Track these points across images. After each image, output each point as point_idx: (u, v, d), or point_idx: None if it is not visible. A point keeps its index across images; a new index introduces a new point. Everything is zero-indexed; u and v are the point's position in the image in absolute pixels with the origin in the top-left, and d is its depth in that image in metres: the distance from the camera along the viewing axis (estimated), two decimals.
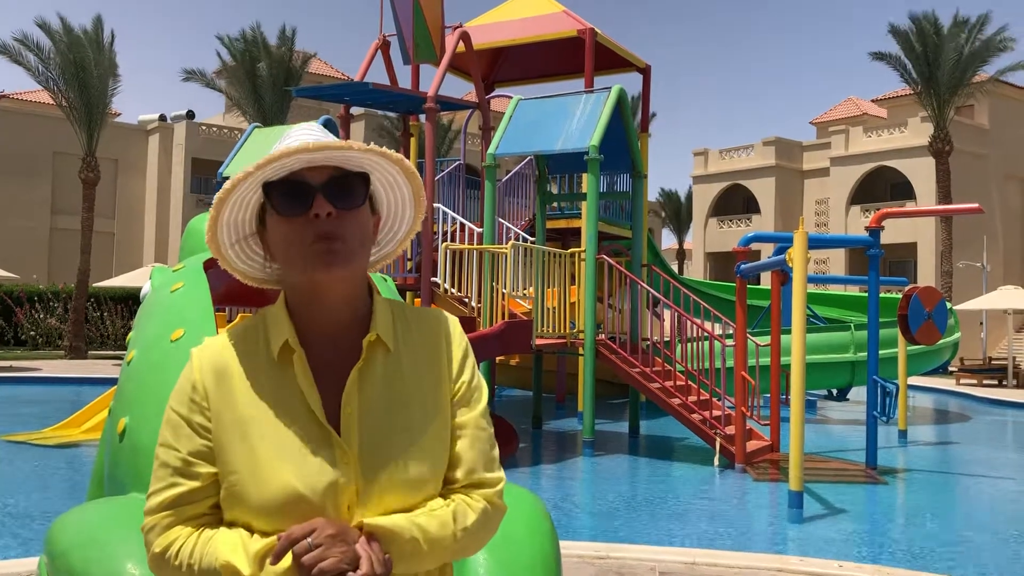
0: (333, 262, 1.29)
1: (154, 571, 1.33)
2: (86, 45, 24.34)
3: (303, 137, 1.32)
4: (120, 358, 24.59)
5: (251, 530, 1.31)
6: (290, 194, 1.30)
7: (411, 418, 1.36)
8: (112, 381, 15.29)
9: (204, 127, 37.40)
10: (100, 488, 3.15)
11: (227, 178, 12.11)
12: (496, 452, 1.44)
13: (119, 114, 35.43)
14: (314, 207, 1.29)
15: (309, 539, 1.21)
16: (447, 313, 1.49)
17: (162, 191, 37.16)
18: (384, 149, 1.33)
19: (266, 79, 29.05)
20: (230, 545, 1.27)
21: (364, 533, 1.27)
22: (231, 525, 1.32)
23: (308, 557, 1.20)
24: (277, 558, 1.22)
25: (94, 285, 26.49)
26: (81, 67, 24.23)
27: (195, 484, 1.32)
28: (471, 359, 1.46)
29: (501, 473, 1.43)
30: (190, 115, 37.07)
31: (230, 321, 14.37)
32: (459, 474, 1.39)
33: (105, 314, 26.95)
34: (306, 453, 1.30)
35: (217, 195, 1.32)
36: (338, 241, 1.30)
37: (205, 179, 36.63)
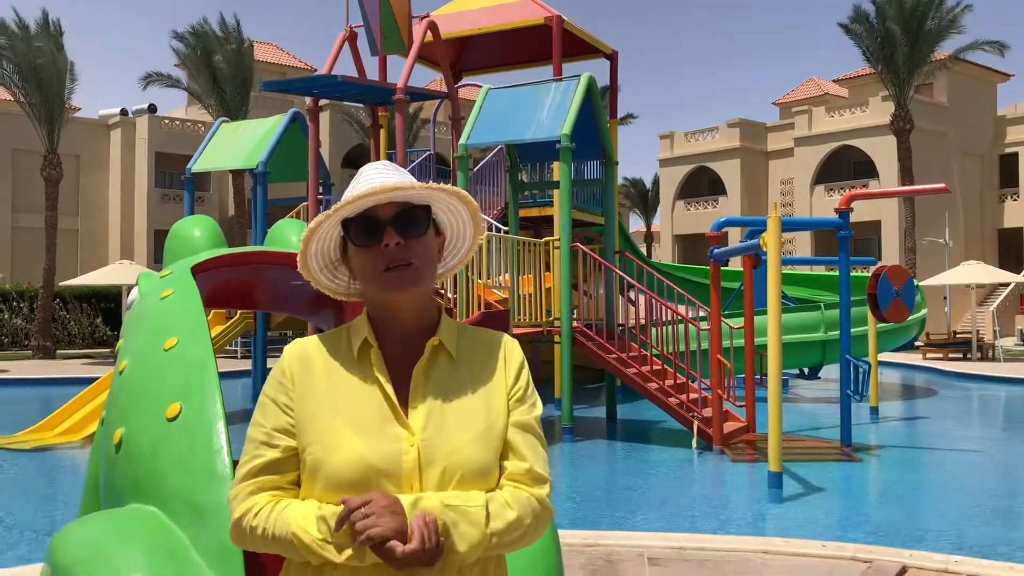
0: (402, 285, 1.51)
1: (233, 538, 1.49)
2: (42, 41, 23.86)
3: (375, 179, 1.54)
4: (90, 357, 24.28)
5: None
6: (364, 229, 1.53)
7: (470, 412, 1.52)
8: (82, 381, 15.10)
9: (167, 120, 36.79)
10: (94, 499, 3.13)
11: (195, 173, 11.89)
12: (547, 458, 1.57)
13: (79, 109, 34.71)
14: (384, 238, 1.51)
15: (364, 508, 1.36)
16: (506, 334, 1.66)
17: (126, 186, 36.55)
18: (442, 185, 1.54)
19: (225, 72, 28.65)
20: (302, 514, 1.42)
21: (420, 511, 1.39)
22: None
23: (360, 523, 1.35)
24: (339, 525, 1.37)
25: (60, 284, 26.06)
26: (37, 63, 23.76)
27: (276, 455, 1.49)
28: (527, 372, 1.62)
29: (549, 478, 1.56)
30: (152, 109, 36.42)
31: (229, 319, 14.54)
32: (516, 466, 1.52)
33: (70, 313, 26.53)
34: (377, 431, 1.47)
35: (304, 232, 1.54)
36: (407, 267, 1.51)
37: (170, 173, 36.03)
